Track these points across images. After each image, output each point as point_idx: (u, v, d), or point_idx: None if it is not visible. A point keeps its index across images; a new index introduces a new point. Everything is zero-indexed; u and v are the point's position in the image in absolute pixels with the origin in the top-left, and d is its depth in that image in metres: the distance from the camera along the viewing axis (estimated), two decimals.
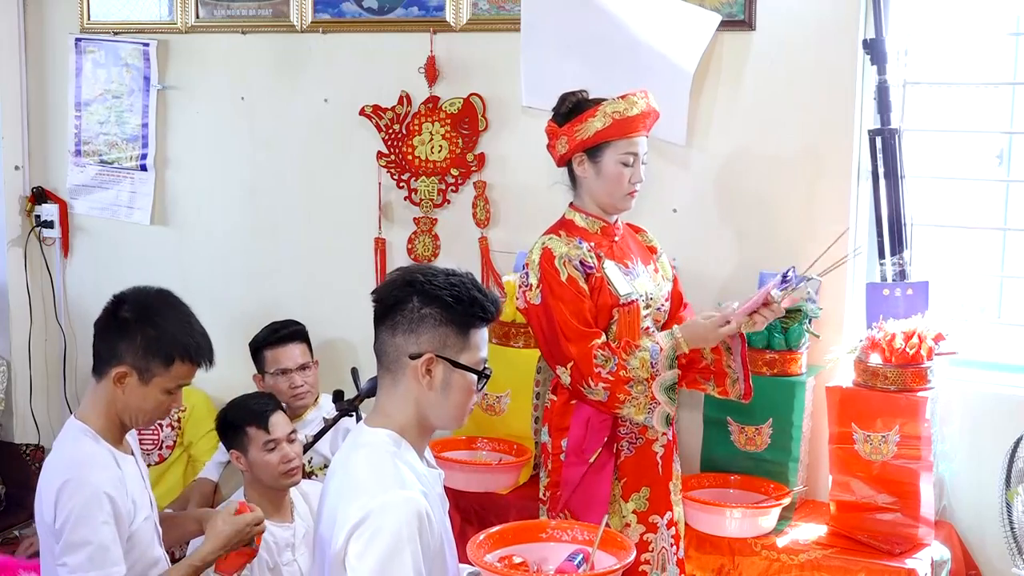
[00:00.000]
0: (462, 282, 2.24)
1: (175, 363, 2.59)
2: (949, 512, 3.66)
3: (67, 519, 2.48)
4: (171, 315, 2.63)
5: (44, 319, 4.98)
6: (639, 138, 3.11)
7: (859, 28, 3.66)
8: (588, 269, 3.08)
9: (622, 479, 3.15)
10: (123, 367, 2.57)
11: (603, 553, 2.57)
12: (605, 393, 3.01)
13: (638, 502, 3.16)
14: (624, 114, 3.08)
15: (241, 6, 4.49)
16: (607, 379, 3.00)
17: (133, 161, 4.76)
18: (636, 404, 3.02)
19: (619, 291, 3.08)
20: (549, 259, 3.08)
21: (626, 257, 3.18)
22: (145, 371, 2.57)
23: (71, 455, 2.57)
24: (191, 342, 2.62)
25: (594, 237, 3.15)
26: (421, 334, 2.22)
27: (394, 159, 4.29)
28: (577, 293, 3.05)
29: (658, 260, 3.29)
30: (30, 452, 4.83)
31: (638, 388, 3.01)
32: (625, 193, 3.13)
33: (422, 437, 2.29)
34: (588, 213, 3.18)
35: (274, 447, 3.21)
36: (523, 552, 2.59)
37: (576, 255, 3.08)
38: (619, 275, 3.11)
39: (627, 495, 3.16)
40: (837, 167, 3.72)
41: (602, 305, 3.08)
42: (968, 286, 3.87)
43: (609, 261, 3.12)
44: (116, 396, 2.59)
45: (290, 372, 3.93)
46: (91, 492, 2.49)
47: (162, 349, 2.57)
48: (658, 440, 3.16)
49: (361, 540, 2.08)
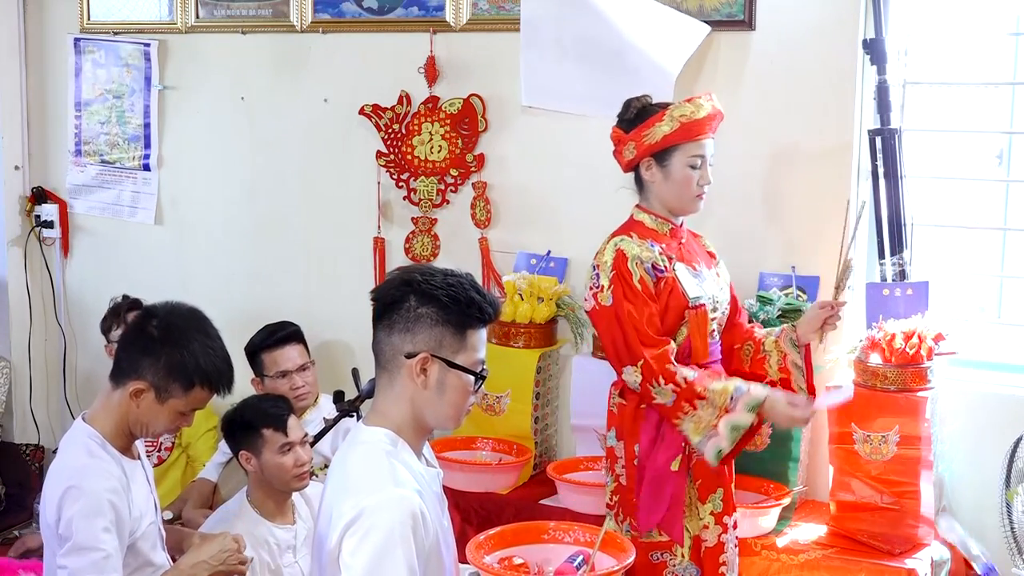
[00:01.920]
0: (460, 282, 2.24)
1: (195, 388, 2.59)
2: (949, 512, 3.65)
3: (69, 524, 2.49)
4: (198, 339, 2.61)
5: (44, 319, 4.98)
6: (706, 140, 3.11)
7: (859, 28, 3.66)
8: (659, 273, 3.08)
9: (697, 481, 3.12)
10: (142, 383, 2.57)
11: (603, 555, 2.57)
12: (672, 396, 2.98)
13: (714, 503, 3.14)
14: (691, 117, 3.08)
15: (241, 6, 4.50)
16: (679, 383, 2.97)
17: (135, 161, 4.76)
18: (697, 422, 2.97)
19: (689, 293, 3.08)
20: (623, 260, 3.06)
21: (693, 260, 3.18)
22: (163, 391, 2.57)
23: (76, 460, 2.57)
24: (213, 370, 2.61)
25: (663, 238, 3.15)
26: (417, 333, 2.21)
27: (394, 159, 4.29)
28: (648, 298, 3.04)
29: (718, 265, 3.27)
30: (30, 452, 4.83)
31: (707, 410, 2.97)
32: (694, 196, 3.13)
33: (419, 436, 2.28)
34: (656, 214, 3.17)
35: (289, 449, 3.20)
36: (524, 553, 2.59)
37: (648, 258, 3.08)
38: (689, 277, 3.11)
39: (704, 497, 3.13)
40: (837, 167, 3.72)
41: (673, 307, 3.07)
42: (968, 286, 3.86)
43: (680, 263, 3.12)
44: (130, 408, 2.59)
45: (290, 374, 3.92)
46: (94, 499, 2.49)
47: (184, 374, 2.57)
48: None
49: (355, 537, 2.08)
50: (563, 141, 4.06)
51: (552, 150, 4.09)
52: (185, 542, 2.85)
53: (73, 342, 4.98)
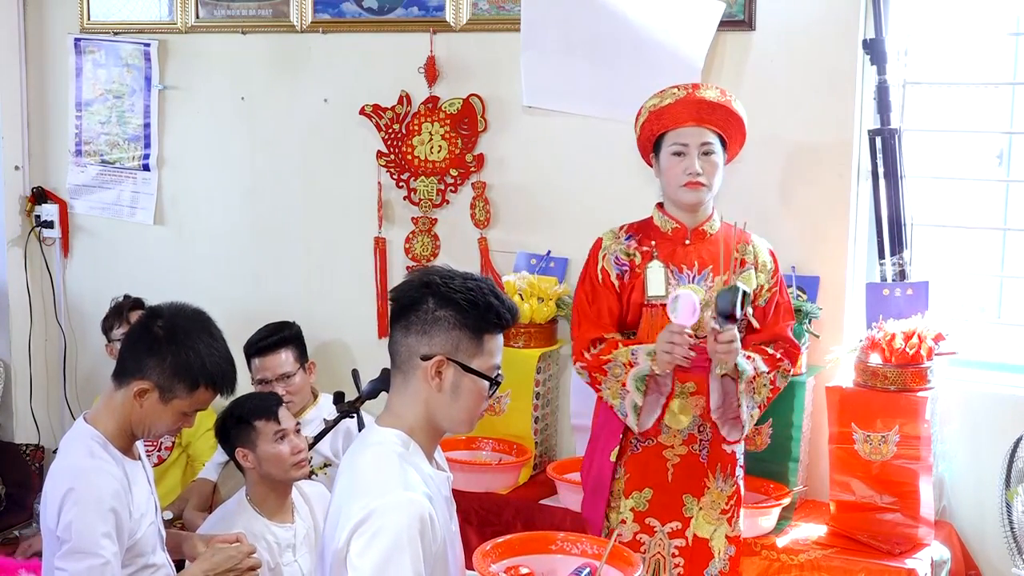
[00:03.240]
0: (479, 287, 2.22)
1: (199, 389, 2.60)
2: (949, 512, 3.66)
3: (69, 527, 2.48)
4: (203, 340, 2.62)
5: (44, 319, 4.98)
6: (687, 128, 3.10)
7: (859, 28, 3.66)
8: (622, 266, 3.13)
9: (627, 474, 3.16)
10: (146, 383, 2.57)
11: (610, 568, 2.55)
12: (586, 375, 3.12)
13: (638, 501, 3.16)
14: (658, 106, 3.12)
15: (241, 6, 4.50)
16: (587, 360, 3.10)
17: (135, 161, 4.76)
18: (611, 387, 3.08)
19: (649, 291, 3.10)
20: (596, 249, 3.20)
21: (684, 262, 3.15)
22: (167, 391, 2.58)
23: (78, 462, 2.56)
24: (218, 371, 2.62)
25: (660, 236, 3.16)
26: (434, 336, 2.20)
27: (394, 159, 4.29)
28: (607, 288, 3.13)
29: (741, 275, 3.14)
30: (30, 452, 4.83)
31: (615, 371, 3.06)
32: (680, 184, 3.11)
33: (432, 439, 2.27)
34: (667, 213, 3.19)
35: (283, 437, 3.20)
36: (531, 563, 2.57)
37: (616, 250, 3.15)
38: (659, 276, 3.11)
39: (628, 491, 3.17)
40: (837, 167, 3.72)
41: (635, 302, 3.13)
42: (968, 286, 3.87)
43: (657, 262, 3.12)
44: (133, 408, 2.59)
45: (270, 383, 3.87)
46: (95, 504, 2.49)
47: (189, 374, 2.57)
48: (673, 448, 3.14)
49: (362, 539, 2.08)
50: (563, 141, 4.06)
51: (552, 150, 4.09)
52: (185, 545, 2.85)
53: (73, 342, 4.98)
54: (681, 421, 3.12)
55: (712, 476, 3.16)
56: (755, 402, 3.10)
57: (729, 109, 3.14)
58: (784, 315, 3.21)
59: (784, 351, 3.16)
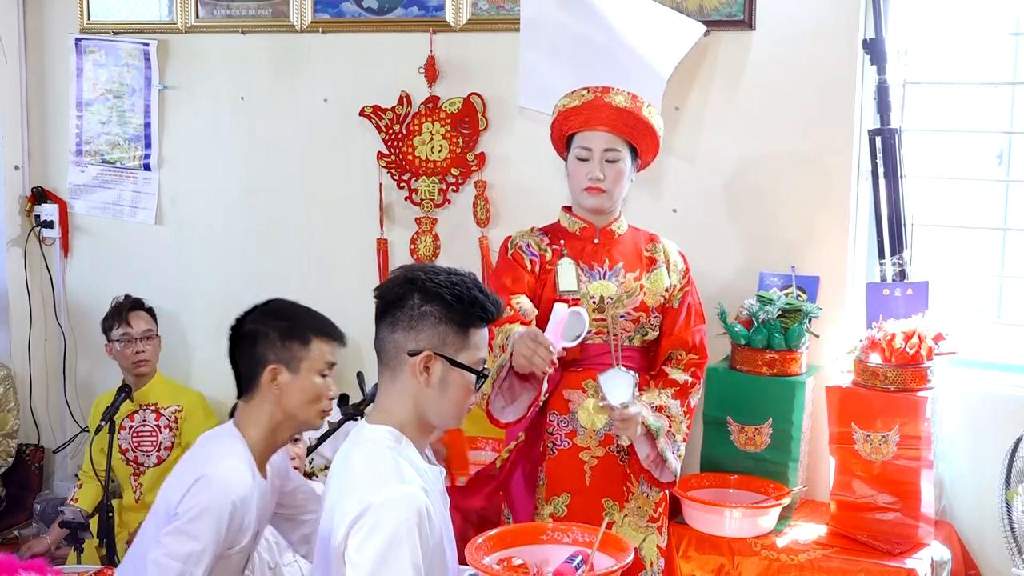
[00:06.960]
0: (463, 281, 2.25)
1: (312, 341, 2.68)
2: (949, 512, 3.66)
3: (189, 509, 2.53)
4: (288, 306, 2.75)
5: (44, 319, 4.98)
6: (594, 133, 3.07)
7: (859, 28, 3.66)
8: (532, 254, 3.10)
9: (547, 479, 3.12)
10: (270, 365, 2.64)
11: (602, 555, 2.57)
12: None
13: (556, 506, 3.10)
14: (566, 107, 3.11)
15: (241, 6, 4.50)
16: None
17: (136, 161, 4.76)
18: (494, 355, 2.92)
19: (560, 286, 3.06)
20: (505, 244, 3.17)
21: (595, 259, 3.12)
22: (291, 360, 2.65)
23: (220, 451, 2.62)
24: (318, 319, 2.73)
25: (568, 236, 3.14)
26: (420, 331, 2.23)
27: (394, 159, 4.29)
28: (514, 263, 3.09)
29: (652, 272, 3.15)
30: (30, 452, 4.83)
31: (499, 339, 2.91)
32: (581, 188, 3.09)
33: (422, 434, 2.30)
34: (573, 214, 3.18)
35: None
36: (523, 554, 2.58)
37: (528, 240, 3.13)
38: (570, 272, 3.07)
39: (548, 497, 3.11)
40: (837, 167, 3.72)
41: (545, 299, 3.06)
42: (968, 286, 3.87)
43: (568, 259, 3.09)
44: (275, 400, 2.65)
45: None
46: (220, 495, 2.53)
47: (296, 331, 2.67)
48: (590, 451, 3.09)
49: (360, 533, 2.09)
50: None
51: (552, 149, 4.08)
52: None
53: (73, 342, 4.98)
54: (596, 421, 3.05)
55: (636, 480, 3.11)
56: (678, 443, 3.07)
57: (637, 116, 3.07)
58: (695, 319, 3.19)
59: (693, 371, 3.14)
